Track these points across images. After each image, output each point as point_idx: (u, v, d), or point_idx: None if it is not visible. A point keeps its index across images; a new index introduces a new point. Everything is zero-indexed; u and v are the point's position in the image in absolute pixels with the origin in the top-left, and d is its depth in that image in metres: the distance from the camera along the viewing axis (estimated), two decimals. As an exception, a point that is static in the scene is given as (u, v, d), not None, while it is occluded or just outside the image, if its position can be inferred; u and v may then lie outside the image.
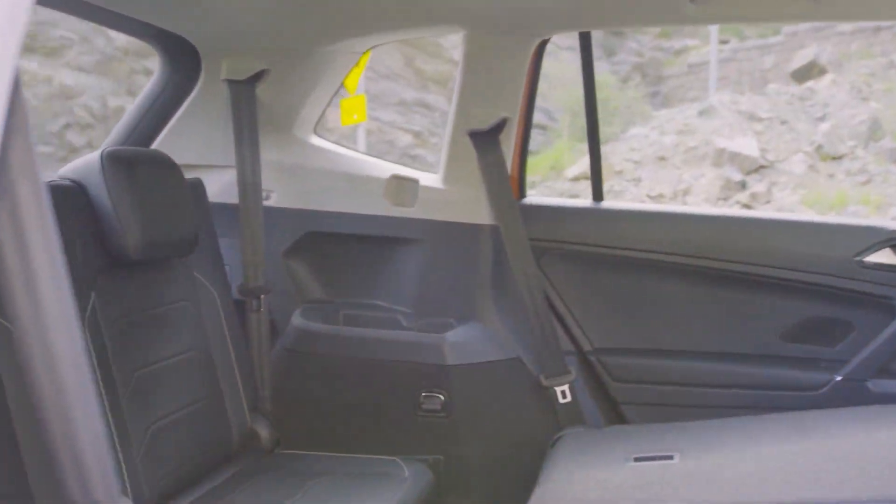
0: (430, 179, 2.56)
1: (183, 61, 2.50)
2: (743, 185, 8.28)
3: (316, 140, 2.69)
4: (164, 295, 2.12)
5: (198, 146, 2.57)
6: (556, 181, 9.13)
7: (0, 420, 1.58)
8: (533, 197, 2.63)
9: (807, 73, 11.17)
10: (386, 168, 2.62)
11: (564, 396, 2.42)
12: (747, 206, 7.83)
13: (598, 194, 2.59)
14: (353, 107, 2.45)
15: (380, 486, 2.11)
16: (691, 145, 8.72)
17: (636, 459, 1.99)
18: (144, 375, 1.99)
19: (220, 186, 2.56)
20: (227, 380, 2.26)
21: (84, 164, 1.97)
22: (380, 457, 2.27)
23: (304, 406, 2.52)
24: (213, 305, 2.27)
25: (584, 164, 9.30)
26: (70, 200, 1.91)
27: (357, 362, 2.47)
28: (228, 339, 2.29)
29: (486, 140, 2.42)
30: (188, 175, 2.37)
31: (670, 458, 1.97)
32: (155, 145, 2.54)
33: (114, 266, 1.97)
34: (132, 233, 1.95)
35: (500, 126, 2.42)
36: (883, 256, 2.32)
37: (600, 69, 13.70)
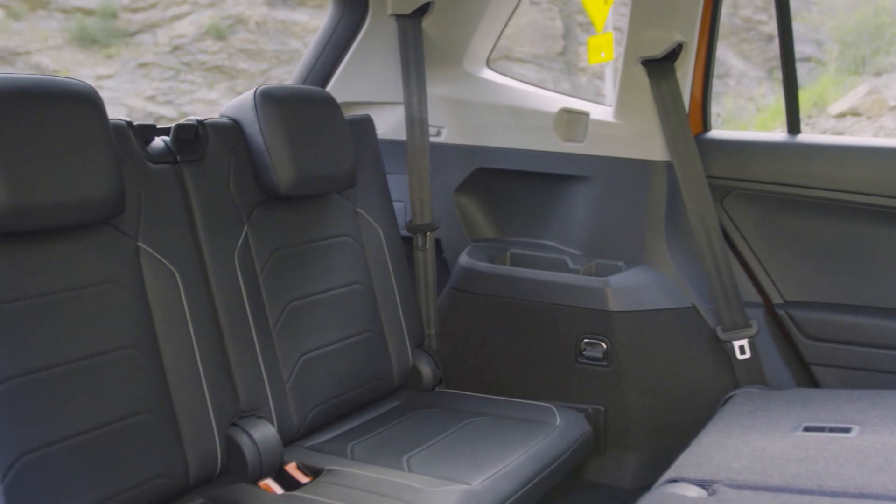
0: (601, 112, 2.38)
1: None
2: None
3: (488, 74, 2.60)
4: (323, 229, 2.17)
5: (369, 84, 2.58)
6: (818, 118, 8.25)
7: None
8: (719, 130, 2.36)
9: None
10: (558, 101, 2.47)
11: (743, 352, 2.18)
12: None
13: (793, 126, 2.27)
14: (601, 45, 2.31)
15: (529, 431, 2.04)
16: None
17: (806, 429, 1.75)
18: (299, 306, 2.05)
19: (392, 123, 2.56)
20: (389, 316, 2.28)
21: (240, 102, 2.04)
22: (535, 402, 2.19)
23: (467, 346, 2.50)
24: (377, 241, 2.29)
25: (852, 98, 8.30)
26: (226, 137, 2.00)
27: (519, 304, 2.39)
28: (392, 275, 2.30)
29: (659, 68, 2.20)
30: (362, 112, 2.39)
31: (847, 430, 1.71)
32: (330, 85, 2.60)
33: (270, 200, 2.04)
34: (283, 169, 2.00)
35: (675, 52, 2.18)
36: None
37: (886, -10, 12.07)
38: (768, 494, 1.49)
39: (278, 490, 1.81)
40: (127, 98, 11.06)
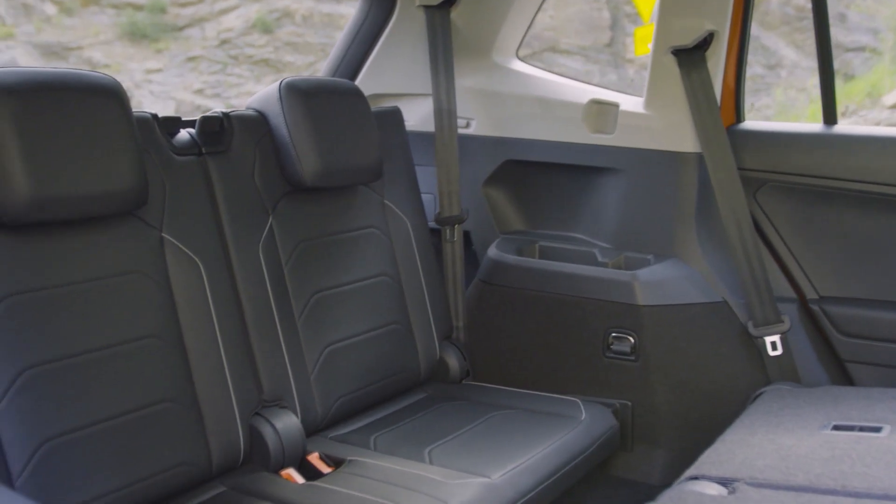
0: (631, 103, 2.34)
1: (379, -9, 2.51)
2: None
3: (518, 65, 2.58)
4: (349, 221, 2.17)
5: (399, 75, 2.58)
6: (871, 109, 8.02)
7: None
8: (752, 122, 2.31)
9: None
10: (588, 92, 2.44)
11: (775, 348, 2.13)
12: None
13: (829, 117, 2.21)
14: (648, 36, 2.28)
15: (554, 425, 2.02)
16: None
17: (835, 427, 1.71)
18: (324, 298, 2.06)
19: (421, 115, 2.56)
20: (416, 308, 2.28)
21: (266, 94, 2.06)
22: (562, 396, 2.17)
23: (495, 339, 2.48)
24: (405, 233, 2.29)
25: (907, 88, 8.04)
26: (252, 129, 2.01)
27: (547, 297, 2.37)
28: (420, 267, 2.30)
29: (690, 58, 2.16)
30: (393, 104, 2.39)
31: (877, 430, 1.66)
32: (360, 77, 2.60)
33: (295, 192, 2.05)
34: (308, 161, 2.01)
35: (706, 41, 2.14)
36: None
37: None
38: (790, 494, 1.45)
39: (300, 479, 1.83)
40: (175, 91, 11.22)
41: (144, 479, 1.63)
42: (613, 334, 2.28)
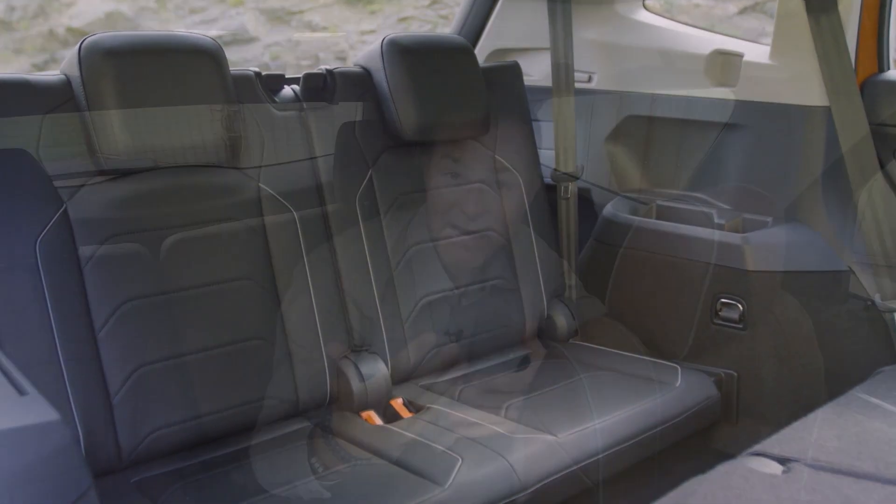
0: (756, 53, 2.16)
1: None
2: None
3: (644, 16, 2.45)
4: (454, 175, 2.20)
5: (522, 29, 2.55)
6: None
7: None
8: (896, 71, 2.06)
9: None
10: (715, 42, 2.28)
11: None
12: None
13: None
14: None
15: (643, 390, 1.97)
16: None
17: None
18: (422, 250, 2.11)
19: (546, 70, 2.51)
20: (524, 264, 2.28)
21: (371, 51, 2.12)
22: (662, 361, 2.10)
23: (605, 299, 2.42)
24: (516, 189, 2.29)
25: None
26: (356, 85, 2.08)
27: (656, 259, 2.27)
28: (531, 223, 2.29)
29: (820, 1, 1.96)
30: (517, 59, 2.38)
31: None
32: (484, 33, 2.59)
33: (398, 146, 2.11)
34: (406, 115, 2.05)
35: None
36: None
37: None
38: (847, 479, 1.33)
39: (378, 421, 1.91)
40: (386, 52, 11.59)
41: (233, 408, 1.77)
42: (722, 300, 2.15)
